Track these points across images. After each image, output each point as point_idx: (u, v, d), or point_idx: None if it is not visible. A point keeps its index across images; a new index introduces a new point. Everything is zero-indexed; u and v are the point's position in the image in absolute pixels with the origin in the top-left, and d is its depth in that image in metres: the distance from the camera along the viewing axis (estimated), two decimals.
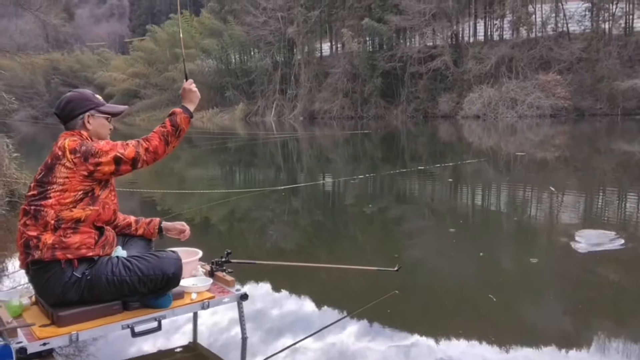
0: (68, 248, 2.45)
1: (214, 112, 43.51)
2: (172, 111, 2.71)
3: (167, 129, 2.61)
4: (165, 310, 2.68)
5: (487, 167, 11.74)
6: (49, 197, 2.44)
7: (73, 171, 2.45)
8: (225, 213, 7.60)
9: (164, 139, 2.59)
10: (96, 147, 2.49)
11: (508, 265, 4.80)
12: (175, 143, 2.65)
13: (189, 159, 15.95)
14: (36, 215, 2.45)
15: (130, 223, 2.98)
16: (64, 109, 2.65)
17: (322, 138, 23.23)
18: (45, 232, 2.44)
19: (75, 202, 2.47)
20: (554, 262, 4.72)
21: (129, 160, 2.51)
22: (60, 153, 2.48)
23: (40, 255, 2.43)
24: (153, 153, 2.56)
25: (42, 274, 2.47)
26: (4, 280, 4.48)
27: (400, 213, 7.43)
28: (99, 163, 2.46)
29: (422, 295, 4.02)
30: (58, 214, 2.44)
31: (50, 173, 2.47)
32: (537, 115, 28.01)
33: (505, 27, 33.46)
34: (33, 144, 21.58)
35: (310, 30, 40.34)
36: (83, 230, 2.50)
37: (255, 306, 3.61)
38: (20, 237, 2.51)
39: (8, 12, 33.67)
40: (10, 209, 7.25)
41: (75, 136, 2.58)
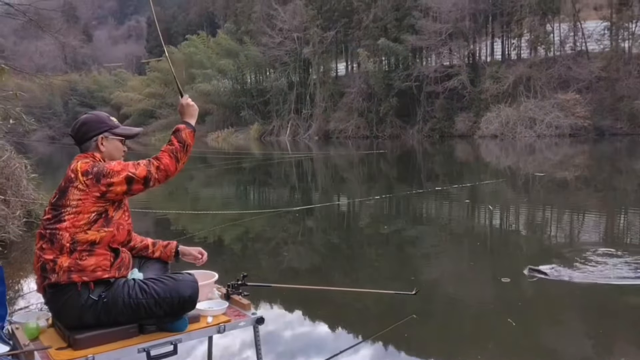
0: (84, 270, 2.43)
1: (229, 131, 43.85)
2: (175, 128, 2.70)
3: (175, 147, 2.61)
4: (181, 334, 2.63)
5: (506, 188, 11.61)
6: (64, 220, 2.44)
7: (86, 193, 2.45)
8: (239, 234, 7.58)
9: (173, 156, 2.59)
10: (108, 167, 2.49)
11: (527, 288, 4.69)
12: (185, 159, 2.65)
13: (204, 179, 16.03)
14: (52, 239, 2.45)
15: (147, 245, 2.96)
16: (79, 131, 2.67)
17: (337, 158, 23.24)
18: (61, 256, 2.42)
19: (90, 224, 2.46)
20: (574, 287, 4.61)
21: (140, 179, 2.50)
22: (73, 176, 2.49)
23: (57, 278, 2.41)
24: (164, 171, 2.56)
25: (58, 297, 2.45)
26: (20, 301, 4.48)
27: (417, 235, 7.34)
28: (111, 183, 2.46)
29: (441, 320, 3.93)
30: (73, 236, 2.43)
31: (64, 196, 2.47)
32: (556, 135, 27.78)
33: (523, 46, 33.44)
34: (50, 165, 21.87)
35: (325, 50, 40.69)
36: (98, 252, 2.48)
37: (271, 329, 3.56)
38: (37, 260, 2.50)
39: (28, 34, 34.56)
40: (27, 229, 7.30)
41: (88, 158, 2.58)
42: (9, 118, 8.06)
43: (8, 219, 6.59)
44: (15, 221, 6.85)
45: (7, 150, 8.03)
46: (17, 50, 30.14)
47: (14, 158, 8.11)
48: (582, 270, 4.81)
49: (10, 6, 11.47)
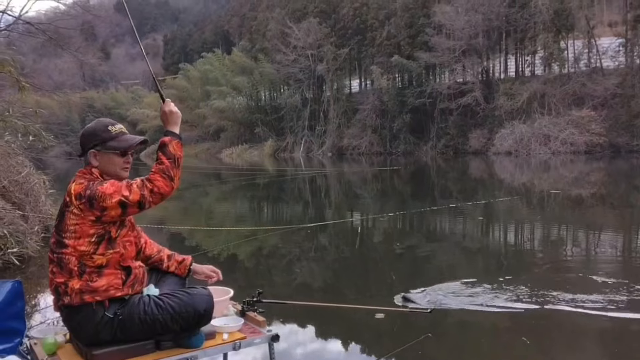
0: (96, 291, 2.42)
1: (244, 148, 44.12)
2: (160, 142, 2.54)
3: (165, 165, 2.46)
4: (197, 351, 2.64)
5: (521, 205, 11.52)
6: (67, 245, 2.40)
7: (81, 217, 2.39)
8: (253, 250, 7.60)
9: (166, 176, 2.45)
10: (100, 190, 2.38)
11: (542, 307, 4.64)
12: (178, 173, 2.51)
13: (218, 195, 16.11)
14: (60, 264, 2.43)
15: (163, 259, 2.92)
16: (80, 142, 2.60)
17: (350, 174, 23.24)
18: (71, 279, 2.41)
19: (93, 247, 2.41)
20: (589, 304, 4.55)
21: (134, 203, 2.40)
22: (68, 199, 2.43)
23: (70, 300, 2.41)
24: (159, 194, 2.43)
25: (73, 316, 2.46)
26: (38, 316, 4.52)
27: (432, 252, 7.30)
28: (104, 208, 2.37)
29: (456, 338, 3.90)
30: (79, 260, 2.40)
31: (62, 220, 2.43)
32: (571, 152, 27.57)
33: (537, 63, 33.37)
34: (66, 180, 22.07)
35: (339, 68, 40.96)
36: (108, 273, 2.45)
37: (284, 346, 3.55)
38: (50, 283, 2.51)
39: (48, 52, 35.17)
40: (44, 244, 7.38)
41: (85, 177, 2.50)
42: (29, 134, 8.21)
43: (26, 234, 6.68)
44: (34, 236, 6.93)
45: (27, 166, 8.17)
46: (37, 68, 30.67)
47: (33, 174, 8.24)
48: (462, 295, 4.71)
49: (31, 25, 11.74)
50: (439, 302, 4.48)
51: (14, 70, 7.53)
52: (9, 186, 7.34)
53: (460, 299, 4.63)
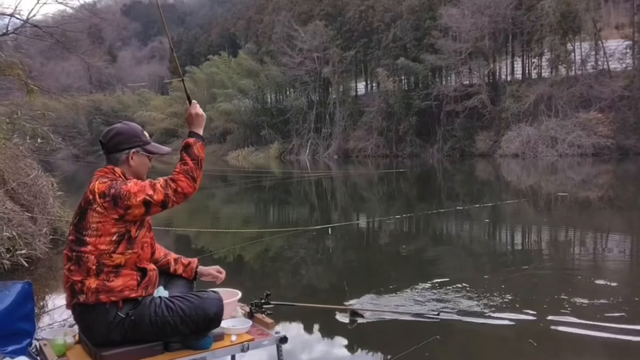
0: (111, 291, 2.44)
1: (250, 150, 44.19)
2: (185, 143, 2.61)
3: (189, 166, 2.52)
4: (206, 352, 2.64)
5: (528, 208, 11.48)
6: (87, 243, 2.42)
7: (104, 215, 2.41)
8: (259, 252, 7.61)
9: (190, 176, 2.51)
10: (124, 189, 2.42)
11: (548, 309, 4.62)
12: (200, 175, 2.57)
13: (224, 197, 16.14)
14: (78, 262, 2.44)
15: (170, 262, 2.93)
16: (111, 140, 2.62)
17: (356, 177, 23.24)
18: (88, 277, 2.43)
19: (113, 246, 2.44)
20: (595, 308, 4.53)
21: (158, 202, 2.44)
22: (91, 197, 2.45)
23: (85, 299, 2.43)
24: (182, 194, 2.49)
25: (86, 315, 2.48)
26: (46, 318, 4.54)
27: (438, 254, 7.29)
28: (128, 206, 2.40)
29: (464, 340, 3.88)
30: (98, 259, 2.42)
31: (84, 218, 2.45)
32: (578, 154, 27.46)
33: (544, 65, 33.27)
34: (74, 182, 22.22)
35: (345, 70, 40.99)
36: (125, 274, 2.47)
37: (292, 348, 3.55)
38: (66, 281, 2.51)
39: (55, 55, 35.38)
40: (52, 246, 7.42)
41: (107, 176, 2.53)
42: (37, 137, 8.25)
43: (35, 236, 6.71)
44: (42, 238, 6.97)
45: (35, 168, 8.21)
46: (44, 71, 30.83)
47: (41, 176, 8.28)
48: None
49: (39, 28, 11.80)
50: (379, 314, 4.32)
51: (22, 73, 7.58)
52: (18, 188, 7.39)
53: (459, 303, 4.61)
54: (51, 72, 40.43)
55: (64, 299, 4.95)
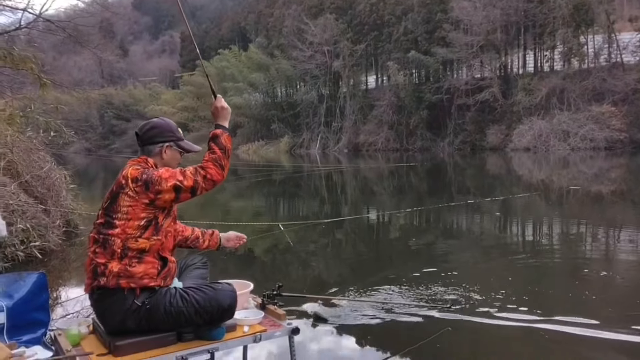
0: (132, 277, 2.51)
1: (260, 144, 44.27)
2: (212, 134, 2.72)
3: (217, 155, 2.63)
4: (218, 343, 2.67)
5: (540, 201, 11.41)
6: (115, 226, 2.51)
7: (135, 200, 2.51)
8: (270, 245, 7.63)
9: (218, 164, 2.62)
10: (156, 175, 2.53)
11: (560, 301, 4.60)
12: (228, 164, 2.68)
13: (235, 191, 16.18)
14: (104, 244, 2.53)
15: (199, 237, 3.11)
16: (147, 132, 2.75)
17: (366, 170, 23.20)
18: (112, 260, 2.50)
19: (140, 231, 2.53)
20: (606, 296, 4.50)
21: (188, 188, 2.54)
22: (124, 182, 2.55)
23: (106, 282, 2.50)
24: (211, 181, 2.60)
25: (105, 299, 2.54)
26: (59, 309, 4.59)
27: (450, 248, 7.27)
28: (159, 191, 2.51)
29: (475, 333, 3.87)
30: (124, 242, 2.50)
31: (114, 202, 2.54)
32: (590, 148, 27.23)
33: (556, 58, 33.01)
34: (86, 176, 22.41)
35: (356, 64, 40.89)
36: (147, 260, 2.55)
37: (304, 340, 3.56)
38: (89, 263, 2.58)
39: (67, 49, 35.61)
40: (66, 238, 7.49)
41: (140, 164, 2.64)
42: (50, 130, 8.32)
43: (48, 228, 6.78)
44: (55, 230, 7.04)
45: (48, 161, 8.29)
46: (57, 65, 31.07)
47: (54, 169, 8.36)
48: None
49: (51, 22, 11.88)
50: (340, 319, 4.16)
51: (35, 66, 7.63)
52: (32, 181, 7.46)
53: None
54: (63, 66, 40.70)
55: (78, 290, 5.03)
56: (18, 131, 7.94)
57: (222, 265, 6.01)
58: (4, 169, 7.11)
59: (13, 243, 5.95)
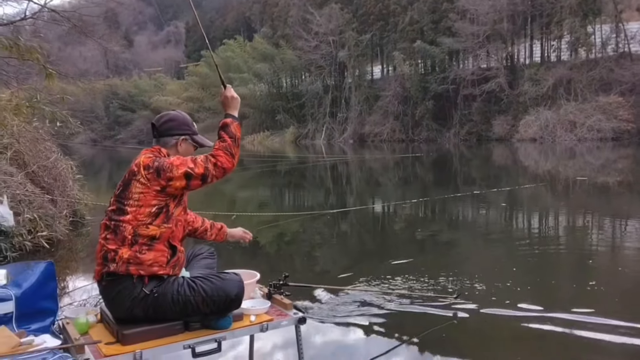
0: (141, 264, 2.53)
1: (265, 135, 44.24)
2: (222, 123, 2.76)
3: (227, 143, 2.67)
4: (226, 332, 2.68)
5: (546, 192, 11.37)
6: (127, 213, 2.54)
7: (147, 187, 2.55)
8: (275, 236, 7.64)
9: (228, 152, 2.65)
10: (167, 162, 2.58)
11: (567, 292, 4.60)
12: (238, 152, 2.72)
13: (240, 181, 16.20)
14: (115, 230, 2.56)
15: (207, 229, 3.18)
16: (164, 125, 2.80)
17: (372, 161, 23.18)
18: (122, 247, 2.53)
19: (151, 218, 2.56)
20: (610, 288, 4.49)
21: (198, 175, 2.57)
22: (136, 169, 2.59)
23: (116, 268, 2.52)
24: (221, 168, 2.63)
25: (114, 286, 2.56)
26: (66, 298, 4.62)
27: (454, 238, 7.27)
28: (170, 178, 2.54)
29: (480, 323, 3.87)
30: (135, 229, 2.54)
31: (127, 189, 2.58)
32: (597, 139, 27.07)
33: (563, 48, 32.74)
34: (92, 166, 22.48)
35: (361, 54, 40.69)
36: (157, 248, 2.58)
37: (309, 329, 3.57)
38: (100, 249, 2.61)
39: (72, 40, 35.61)
40: (72, 228, 7.54)
41: (153, 153, 2.69)
42: (56, 120, 8.35)
43: (55, 218, 6.81)
44: (62, 220, 7.08)
45: (54, 151, 8.32)
46: (62, 56, 31.06)
47: (61, 159, 8.40)
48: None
49: (56, 13, 11.86)
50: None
51: (41, 57, 7.63)
52: (38, 171, 7.50)
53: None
54: (69, 57, 40.69)
55: (85, 279, 5.06)
56: (24, 121, 7.97)
57: (228, 256, 6.02)
58: (11, 159, 7.15)
59: (21, 233, 5.99)
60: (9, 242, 5.75)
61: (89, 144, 49.31)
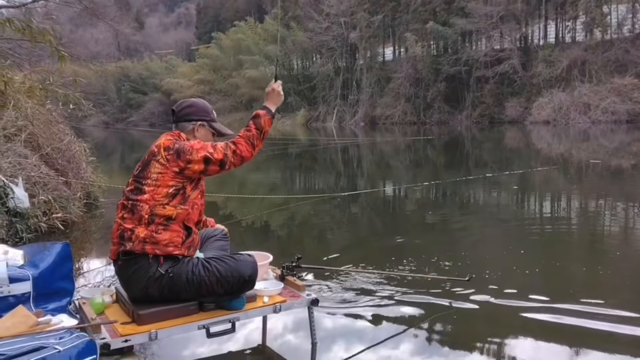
0: (157, 244, 2.58)
1: (276, 117, 43.83)
2: (255, 113, 2.83)
3: (252, 133, 2.73)
4: (239, 312, 2.73)
5: (559, 175, 11.29)
6: (144, 192, 2.60)
7: (166, 167, 2.60)
8: (286, 218, 7.68)
9: (250, 142, 2.71)
10: (188, 145, 2.64)
11: (580, 275, 4.59)
12: (260, 145, 2.78)
13: (251, 164, 16.18)
14: (133, 210, 2.61)
15: (208, 225, 3.25)
16: (184, 110, 2.88)
17: (383, 144, 23.10)
18: (139, 226, 2.59)
19: (168, 199, 2.61)
20: (621, 274, 4.47)
21: (217, 161, 2.63)
22: (156, 150, 2.66)
23: (132, 247, 2.58)
24: (240, 156, 2.69)
25: (130, 265, 2.61)
26: (81, 279, 4.69)
27: (466, 222, 7.26)
28: (190, 161, 2.60)
29: (489, 309, 3.86)
30: (152, 209, 2.59)
31: (146, 169, 2.64)
32: (612, 121, 26.74)
33: (578, 29, 32.20)
34: (104, 149, 22.60)
35: (373, 35, 40.30)
36: (173, 228, 2.62)
37: (321, 311, 3.60)
38: (116, 229, 2.67)
39: (84, 22, 35.65)
40: (86, 210, 7.61)
41: (174, 136, 2.75)
42: (69, 103, 8.40)
43: (70, 200, 6.88)
44: (76, 202, 7.15)
45: (68, 134, 8.38)
46: (74, 38, 31.09)
47: (74, 141, 8.46)
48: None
49: None
50: None
51: (54, 39, 7.64)
52: (52, 153, 7.56)
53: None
54: (80, 39, 40.68)
55: (100, 260, 5.13)
56: (38, 104, 8.02)
57: (240, 238, 6.07)
58: (25, 141, 7.21)
59: (36, 214, 6.06)
60: (24, 224, 5.83)
61: (101, 127, 49.57)
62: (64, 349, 2.14)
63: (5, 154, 6.55)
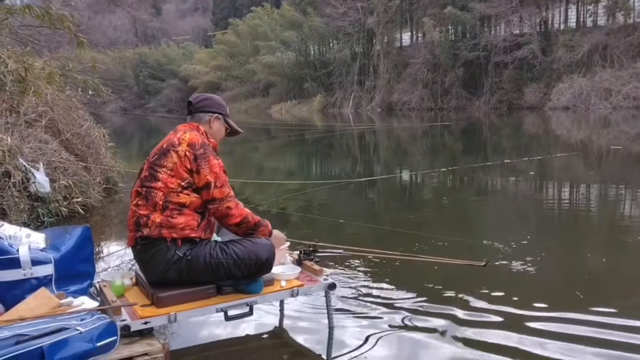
0: (173, 227, 2.63)
1: (292, 103, 44.10)
2: (266, 222, 2.94)
3: (250, 223, 2.83)
4: (257, 296, 2.75)
5: (578, 161, 11.15)
6: (159, 179, 2.65)
7: (181, 160, 2.65)
8: (303, 204, 7.69)
9: (243, 221, 2.80)
10: (212, 160, 2.70)
11: (596, 261, 4.55)
12: (243, 230, 2.84)
13: (268, 150, 16.28)
14: (147, 196, 2.67)
15: None
16: (201, 102, 2.98)
17: (400, 130, 22.97)
18: (154, 212, 2.64)
19: (181, 188, 2.66)
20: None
21: (213, 194, 2.70)
22: (177, 142, 2.71)
23: (149, 232, 2.63)
24: (228, 215, 2.75)
25: (148, 250, 2.66)
26: (101, 263, 4.76)
27: (481, 208, 7.22)
28: (199, 172, 2.67)
29: (508, 292, 3.85)
30: (166, 196, 2.64)
31: (163, 157, 2.69)
32: (633, 107, 26.25)
33: (600, 13, 31.53)
34: (123, 135, 22.79)
35: (390, 20, 39.88)
36: (187, 213, 2.68)
37: (338, 295, 3.61)
38: (132, 216, 2.73)
39: (102, 8, 35.85)
40: (106, 195, 7.71)
41: (198, 132, 2.82)
42: (88, 89, 8.47)
43: (89, 184, 6.98)
44: (96, 187, 7.25)
45: (87, 119, 8.47)
46: (92, 25, 31.32)
47: (93, 127, 8.55)
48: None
49: None
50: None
51: (72, 26, 7.70)
52: (72, 139, 7.65)
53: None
54: (98, 25, 40.97)
55: (119, 244, 5.20)
56: (57, 90, 8.10)
57: None
58: (45, 127, 7.30)
59: (56, 199, 6.16)
60: (45, 208, 5.93)
61: (120, 113, 49.95)
62: (86, 330, 2.18)
63: (26, 139, 6.64)
